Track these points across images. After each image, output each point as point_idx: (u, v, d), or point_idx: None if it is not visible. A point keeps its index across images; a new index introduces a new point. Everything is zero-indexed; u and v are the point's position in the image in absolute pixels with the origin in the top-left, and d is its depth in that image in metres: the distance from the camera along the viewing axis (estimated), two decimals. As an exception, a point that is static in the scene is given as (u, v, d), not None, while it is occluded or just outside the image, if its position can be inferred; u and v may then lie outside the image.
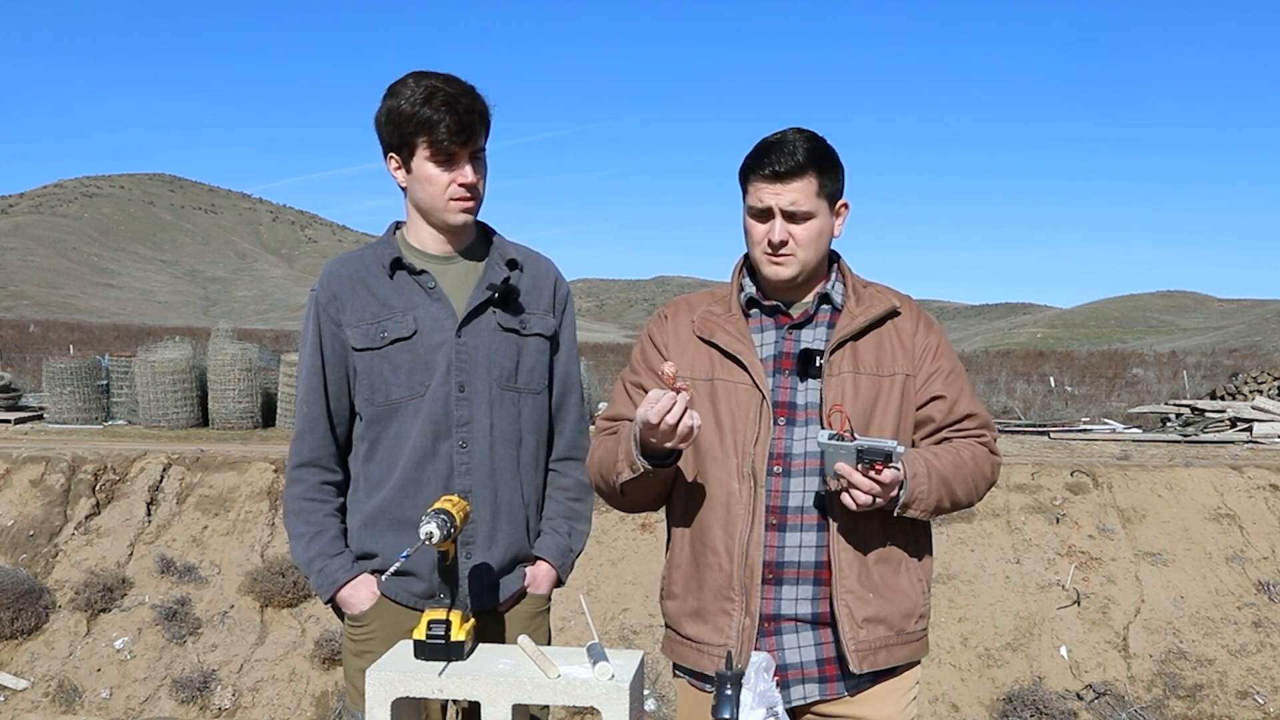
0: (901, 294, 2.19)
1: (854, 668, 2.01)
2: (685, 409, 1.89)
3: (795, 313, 2.13)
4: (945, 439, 2.11)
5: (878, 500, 1.92)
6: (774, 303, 2.14)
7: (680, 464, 2.11)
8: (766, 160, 2.03)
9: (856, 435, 1.95)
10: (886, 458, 1.89)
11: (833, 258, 2.20)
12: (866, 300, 2.12)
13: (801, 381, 2.07)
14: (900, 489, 1.94)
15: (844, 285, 2.16)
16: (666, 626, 2.23)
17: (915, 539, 2.13)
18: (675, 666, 2.22)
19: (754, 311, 2.16)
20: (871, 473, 1.89)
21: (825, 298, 2.13)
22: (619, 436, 2.09)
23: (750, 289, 2.16)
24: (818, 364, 2.06)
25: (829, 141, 2.09)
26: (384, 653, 1.95)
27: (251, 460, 8.18)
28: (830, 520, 2.03)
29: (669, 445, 1.93)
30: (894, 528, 2.06)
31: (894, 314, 2.12)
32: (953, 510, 2.07)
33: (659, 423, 1.88)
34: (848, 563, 2.02)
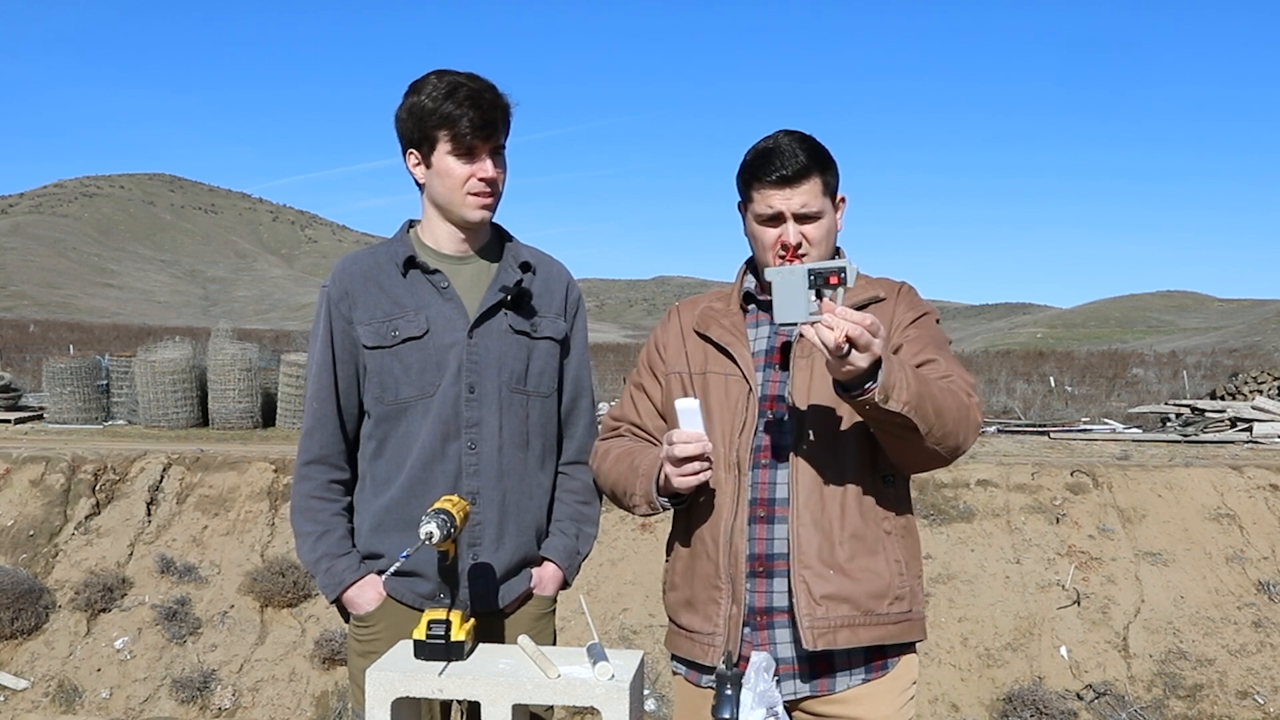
0: (898, 283, 2.19)
1: (807, 644, 1.98)
2: (704, 457, 1.95)
3: None
4: None
5: (850, 340, 1.74)
6: (768, 297, 2.15)
7: None
8: (772, 166, 2.05)
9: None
10: (840, 272, 1.80)
11: (834, 254, 2.21)
12: (855, 289, 2.13)
13: (786, 373, 2.09)
14: (877, 370, 1.79)
15: None
16: (669, 618, 2.25)
17: (900, 520, 2.10)
18: (673, 660, 2.23)
19: (751, 307, 2.19)
20: (840, 306, 1.78)
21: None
22: (633, 469, 2.11)
23: (750, 284, 2.19)
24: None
25: (818, 139, 2.12)
26: (388, 653, 1.95)
27: (251, 460, 8.18)
28: (795, 495, 2.01)
29: (679, 483, 1.98)
30: (869, 504, 2.04)
31: (875, 300, 2.12)
32: (942, 431, 1.90)
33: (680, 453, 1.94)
34: (807, 539, 2.01)
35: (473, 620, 2.00)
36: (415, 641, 1.89)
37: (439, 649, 1.86)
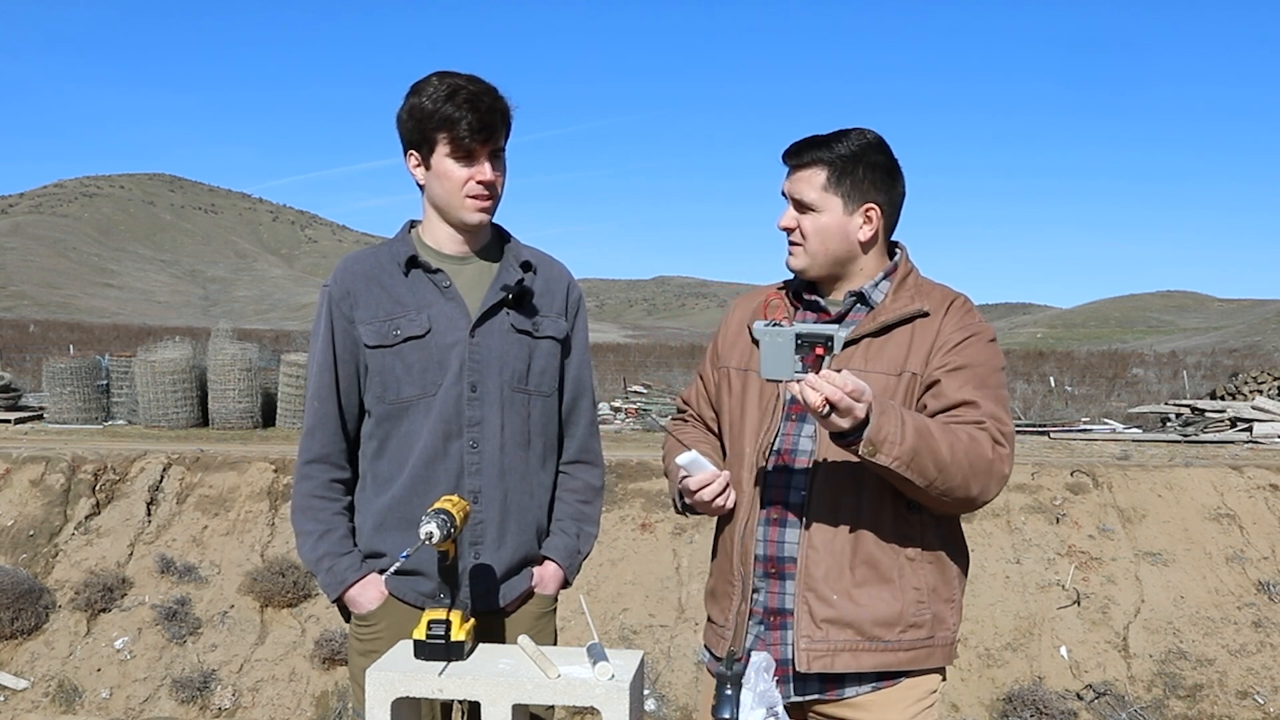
0: (951, 296, 2.09)
1: (800, 666, 1.98)
2: (725, 488, 2.06)
3: (832, 310, 2.13)
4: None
5: (830, 403, 1.76)
6: (814, 297, 2.14)
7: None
8: (791, 147, 2.09)
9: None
10: (827, 341, 1.82)
11: (892, 254, 2.15)
12: (902, 300, 2.06)
13: None
14: (865, 424, 1.79)
15: (891, 284, 2.10)
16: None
17: (927, 550, 2.03)
18: (704, 649, 2.26)
19: (800, 306, 2.18)
20: (825, 369, 1.80)
21: (861, 297, 2.09)
22: (667, 469, 2.24)
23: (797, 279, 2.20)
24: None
25: (883, 147, 2.06)
26: (389, 652, 1.95)
27: (251, 460, 8.18)
28: (808, 515, 2.01)
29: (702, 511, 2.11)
30: (888, 528, 2.00)
31: (919, 315, 2.04)
32: (946, 485, 1.87)
33: (696, 492, 2.05)
34: (814, 562, 2.00)
35: (473, 620, 2.00)
36: (415, 641, 1.89)
37: (439, 649, 1.86)
